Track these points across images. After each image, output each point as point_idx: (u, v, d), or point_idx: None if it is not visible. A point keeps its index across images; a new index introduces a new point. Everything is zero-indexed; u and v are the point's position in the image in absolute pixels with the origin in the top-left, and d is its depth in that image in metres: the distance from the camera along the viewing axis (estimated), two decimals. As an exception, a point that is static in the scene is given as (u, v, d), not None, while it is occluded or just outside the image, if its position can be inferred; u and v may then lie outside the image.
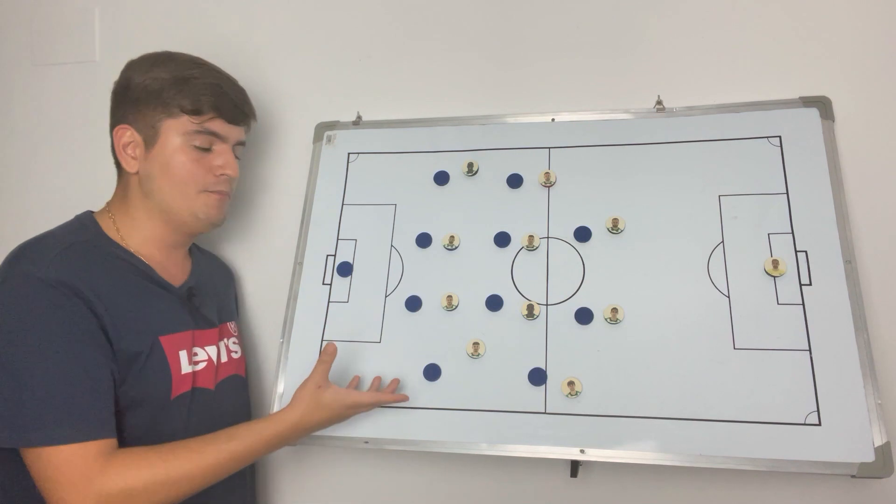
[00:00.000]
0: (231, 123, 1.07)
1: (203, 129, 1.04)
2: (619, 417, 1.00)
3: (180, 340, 1.01)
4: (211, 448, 0.91)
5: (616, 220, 1.10)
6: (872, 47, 1.13)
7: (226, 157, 1.07)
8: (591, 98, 1.22)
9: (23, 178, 1.48)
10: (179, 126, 1.03)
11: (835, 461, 0.91)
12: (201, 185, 1.05)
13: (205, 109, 1.03)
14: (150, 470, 0.85)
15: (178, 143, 1.03)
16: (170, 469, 0.86)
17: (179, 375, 0.99)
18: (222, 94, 1.06)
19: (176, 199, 1.04)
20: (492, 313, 1.10)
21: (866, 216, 1.08)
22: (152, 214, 1.05)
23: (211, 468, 0.90)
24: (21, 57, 1.51)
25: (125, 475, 0.84)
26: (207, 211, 1.06)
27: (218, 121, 1.05)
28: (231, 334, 1.16)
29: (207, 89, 1.04)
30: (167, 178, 1.03)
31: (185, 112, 1.02)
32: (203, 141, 1.04)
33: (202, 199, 1.05)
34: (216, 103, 1.04)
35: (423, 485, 1.21)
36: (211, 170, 1.05)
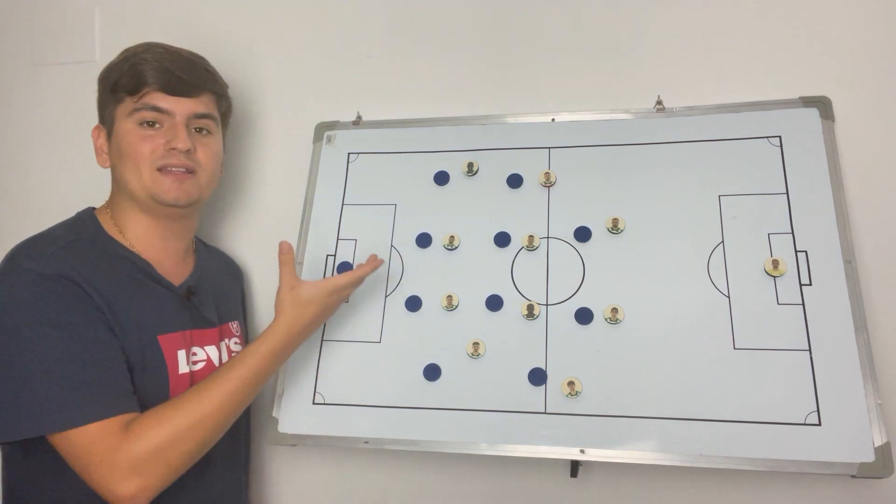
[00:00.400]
0: (174, 95, 1.03)
1: (142, 104, 1.01)
2: (619, 417, 1.00)
3: (179, 340, 1.01)
4: (216, 384, 0.92)
5: (616, 220, 1.10)
6: (872, 47, 1.13)
7: (173, 131, 1.02)
8: (591, 98, 1.22)
9: (22, 178, 1.48)
10: (124, 108, 1.03)
11: (835, 461, 0.91)
12: (150, 161, 1.01)
13: (143, 86, 1.01)
14: (169, 423, 0.87)
15: (127, 125, 1.02)
16: (187, 415, 0.88)
17: (177, 375, 0.99)
18: (162, 68, 1.02)
19: (132, 181, 1.02)
20: (492, 313, 1.10)
21: (866, 216, 1.08)
22: (130, 205, 1.05)
23: (225, 401, 0.91)
24: (21, 57, 1.51)
25: (148, 435, 0.85)
26: (162, 190, 1.01)
27: (157, 94, 1.02)
28: (233, 334, 1.15)
29: (147, 65, 1.02)
30: (122, 162, 1.03)
31: (127, 93, 1.02)
32: (146, 116, 1.01)
33: (154, 178, 1.01)
34: (153, 77, 1.01)
35: (423, 485, 1.21)
36: (161, 146, 1.02)
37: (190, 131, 1.05)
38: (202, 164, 1.06)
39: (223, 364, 0.97)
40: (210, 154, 1.08)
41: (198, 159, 1.05)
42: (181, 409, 0.88)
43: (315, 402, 1.10)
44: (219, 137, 1.12)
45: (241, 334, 1.18)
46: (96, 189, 1.16)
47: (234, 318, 1.18)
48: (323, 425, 1.08)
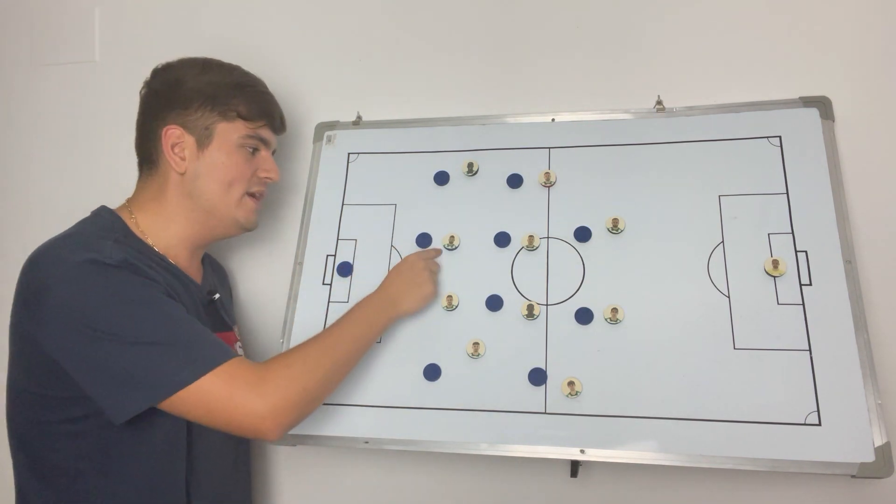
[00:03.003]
0: (274, 132, 1.14)
1: (255, 134, 1.08)
2: (619, 417, 1.00)
3: None
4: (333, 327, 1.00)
5: (616, 220, 1.10)
6: (872, 47, 1.13)
7: (270, 162, 1.12)
8: (591, 98, 1.22)
9: (23, 178, 1.48)
10: (234, 129, 1.06)
11: (835, 461, 0.91)
12: (247, 186, 1.08)
13: (258, 116, 1.08)
14: (299, 353, 0.93)
15: (232, 145, 1.05)
16: (312, 346, 0.95)
17: None
18: (272, 103, 1.13)
19: (222, 198, 1.06)
20: (492, 313, 1.10)
21: (866, 216, 1.08)
22: (190, 215, 1.05)
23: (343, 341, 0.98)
24: (21, 57, 1.51)
25: (285, 368, 0.89)
26: (247, 215, 1.09)
27: (266, 129, 1.10)
28: (237, 339, 1.17)
29: (261, 98, 1.10)
30: (216, 178, 1.05)
31: (240, 117, 1.06)
32: (253, 144, 1.08)
33: (243, 202, 1.08)
34: (267, 111, 1.10)
35: (423, 485, 1.21)
36: (256, 173, 1.09)
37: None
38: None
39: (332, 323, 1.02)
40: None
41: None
42: (309, 348, 0.95)
43: (315, 402, 1.10)
44: None
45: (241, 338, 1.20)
46: (96, 189, 1.16)
47: (235, 321, 1.20)
48: (323, 425, 1.08)
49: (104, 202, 1.08)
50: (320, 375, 0.92)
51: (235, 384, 0.85)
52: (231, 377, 0.85)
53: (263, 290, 1.31)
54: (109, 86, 1.45)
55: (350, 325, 1.01)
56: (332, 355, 0.95)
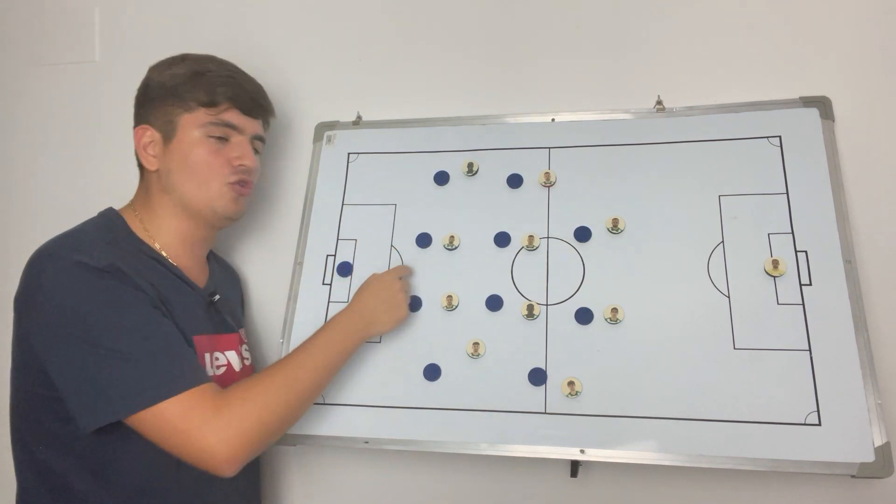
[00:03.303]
0: (247, 115, 1.08)
1: (219, 120, 1.05)
2: (619, 417, 1.00)
3: (206, 343, 1.02)
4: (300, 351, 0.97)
5: (616, 220, 1.10)
6: (872, 47, 1.13)
7: (243, 148, 1.07)
8: (591, 98, 1.22)
9: (23, 178, 1.48)
10: (196, 119, 1.04)
11: (835, 461, 0.91)
12: (219, 176, 1.05)
13: (220, 101, 1.04)
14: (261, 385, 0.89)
15: (195, 136, 1.03)
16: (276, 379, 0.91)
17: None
18: (237, 85, 1.07)
19: (194, 191, 1.04)
20: (492, 313, 1.10)
21: (866, 216, 1.08)
22: (174, 211, 1.05)
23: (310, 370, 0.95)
24: (21, 57, 1.51)
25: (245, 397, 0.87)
26: (225, 203, 1.06)
27: (233, 111, 1.06)
28: (243, 341, 1.16)
29: (222, 81, 1.05)
30: (185, 172, 1.03)
31: (201, 105, 1.04)
32: (219, 132, 1.05)
33: (220, 192, 1.05)
34: (231, 94, 1.05)
35: (423, 485, 1.21)
36: (229, 161, 1.05)
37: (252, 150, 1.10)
38: (253, 182, 1.11)
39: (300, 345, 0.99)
40: (257, 174, 1.14)
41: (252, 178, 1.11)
42: (272, 377, 0.91)
43: (315, 402, 1.10)
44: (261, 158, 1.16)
45: (247, 341, 1.19)
46: (97, 189, 1.16)
47: (242, 324, 1.19)
48: (323, 425, 1.08)
49: (105, 202, 1.08)
50: (280, 408, 0.89)
51: (192, 414, 0.84)
52: (190, 406, 0.84)
53: (263, 290, 1.31)
54: (109, 86, 1.45)
55: (319, 349, 0.98)
56: (295, 386, 0.92)
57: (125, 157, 1.14)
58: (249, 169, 1.08)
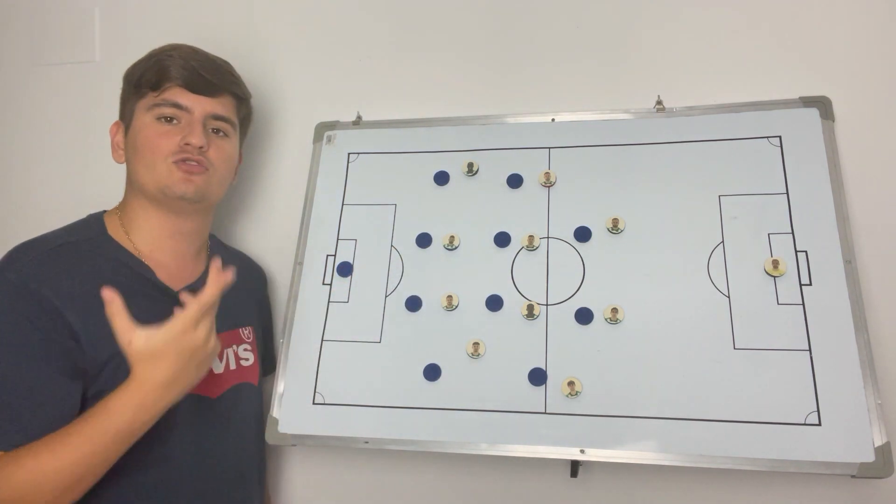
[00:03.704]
0: (195, 93, 1.04)
1: (163, 100, 1.02)
2: (619, 417, 1.00)
3: None
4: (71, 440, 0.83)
5: (616, 220, 1.09)
6: (872, 47, 1.13)
7: (190, 126, 1.03)
8: (591, 98, 1.22)
9: (22, 178, 1.48)
10: (145, 103, 1.04)
11: (835, 461, 0.91)
12: (165, 155, 1.01)
13: (166, 81, 1.02)
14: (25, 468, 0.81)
15: (145, 119, 1.03)
16: (42, 462, 0.81)
17: None
18: (187, 66, 1.04)
19: (144, 174, 1.02)
20: (492, 313, 1.10)
21: (866, 216, 1.08)
22: (140, 202, 1.04)
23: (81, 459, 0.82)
24: (21, 57, 1.51)
25: (8, 479, 0.81)
26: (174, 183, 1.01)
27: (178, 90, 1.03)
28: (243, 340, 1.13)
29: (172, 62, 1.03)
30: (136, 156, 1.03)
31: (150, 88, 1.03)
32: (168, 112, 1.02)
33: (168, 171, 1.01)
34: (178, 74, 1.03)
35: (423, 485, 1.21)
36: (177, 142, 1.02)
37: (206, 131, 1.05)
38: (214, 163, 1.06)
39: (86, 414, 0.85)
40: (223, 156, 1.08)
41: (210, 158, 1.05)
42: (39, 455, 0.82)
43: (315, 402, 1.10)
44: (234, 142, 1.12)
45: (254, 340, 1.16)
46: (97, 189, 1.17)
47: (246, 323, 1.16)
48: (323, 425, 1.08)
49: (104, 202, 1.09)
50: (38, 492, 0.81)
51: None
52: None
53: (263, 290, 1.31)
54: (109, 86, 1.43)
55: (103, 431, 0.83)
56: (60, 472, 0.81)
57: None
58: (195, 147, 1.02)
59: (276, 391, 1.13)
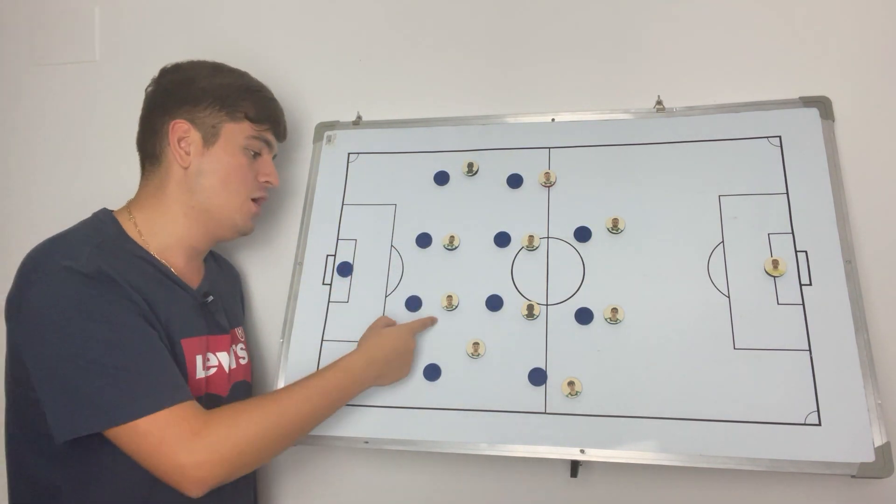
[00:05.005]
0: (277, 139, 1.15)
1: (260, 136, 1.10)
2: (619, 417, 1.00)
3: (196, 345, 1.01)
4: (298, 387, 0.94)
5: (616, 220, 1.10)
6: (872, 47, 1.13)
7: (271, 166, 1.13)
8: (591, 98, 1.22)
9: (23, 178, 1.48)
10: (240, 131, 1.07)
11: (835, 461, 0.91)
12: (249, 188, 1.09)
13: (265, 120, 1.10)
14: (249, 416, 0.87)
15: (237, 146, 1.07)
16: (268, 414, 0.89)
17: (194, 380, 0.99)
18: (278, 110, 1.15)
19: (221, 198, 1.06)
20: (492, 313, 1.10)
21: (866, 216, 1.08)
22: (189, 213, 1.04)
23: (303, 406, 0.92)
24: (21, 57, 1.51)
25: (230, 423, 0.86)
26: (244, 217, 1.09)
27: (271, 133, 1.13)
28: (239, 340, 1.15)
29: (268, 103, 1.13)
30: (219, 177, 1.05)
31: (248, 119, 1.08)
32: (257, 147, 1.10)
33: (244, 205, 1.09)
34: (273, 116, 1.13)
35: (423, 485, 1.21)
36: (257, 176, 1.10)
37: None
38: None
39: (305, 377, 0.97)
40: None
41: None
42: (263, 408, 0.89)
43: (315, 402, 1.10)
44: None
45: (246, 340, 1.19)
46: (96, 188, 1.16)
47: (238, 323, 1.19)
48: (323, 425, 1.07)
49: (104, 202, 1.08)
50: (261, 440, 0.88)
51: (169, 433, 0.83)
52: (167, 424, 0.83)
53: (263, 289, 1.31)
54: (109, 86, 1.45)
55: (319, 390, 0.96)
56: (283, 421, 0.90)
57: (124, 157, 1.14)
58: (272, 188, 1.13)
59: (276, 391, 1.13)
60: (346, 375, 0.99)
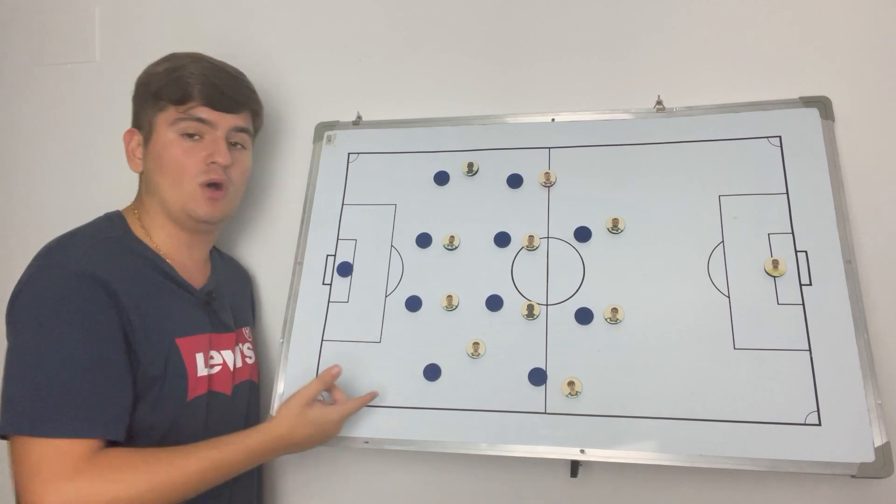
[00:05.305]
0: (218, 110, 1.05)
1: (187, 115, 1.03)
2: (619, 417, 1.00)
3: (197, 343, 1.01)
4: (194, 456, 0.87)
5: (616, 220, 1.09)
6: (872, 47, 1.13)
7: (216, 144, 1.04)
8: (591, 98, 1.22)
9: (23, 178, 1.48)
10: (168, 117, 1.03)
11: (835, 461, 0.91)
12: (192, 175, 1.02)
13: (189, 97, 1.03)
14: (134, 474, 0.82)
15: (169, 135, 1.03)
16: (154, 476, 0.82)
17: (195, 378, 0.99)
18: (207, 82, 1.04)
19: (169, 192, 1.03)
20: (492, 313, 1.10)
21: (866, 216, 1.08)
22: (159, 211, 1.05)
23: (193, 476, 0.86)
24: (21, 57, 1.51)
25: (108, 478, 0.80)
26: (197, 205, 1.03)
27: (203, 108, 1.04)
28: (245, 339, 1.16)
29: (193, 78, 1.03)
30: (160, 172, 1.03)
31: (171, 102, 1.03)
32: (192, 128, 1.03)
33: (193, 193, 1.03)
34: (200, 91, 1.03)
35: (423, 485, 1.21)
36: (203, 159, 1.03)
37: (228, 145, 1.07)
38: (234, 180, 1.08)
39: (209, 440, 0.91)
40: (241, 170, 1.11)
41: (231, 175, 1.07)
42: (152, 467, 0.83)
43: (315, 402, 1.10)
44: (250, 153, 1.14)
45: (253, 339, 1.19)
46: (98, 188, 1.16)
47: (245, 323, 1.19)
48: (323, 425, 1.08)
49: (104, 202, 1.09)
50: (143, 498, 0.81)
51: (47, 465, 0.78)
52: (53, 455, 0.79)
53: (263, 290, 1.31)
54: (109, 86, 1.45)
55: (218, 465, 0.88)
56: (168, 491, 0.83)
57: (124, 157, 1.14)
58: (222, 166, 1.04)
59: (276, 391, 1.13)
60: (248, 457, 0.93)
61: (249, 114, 1.13)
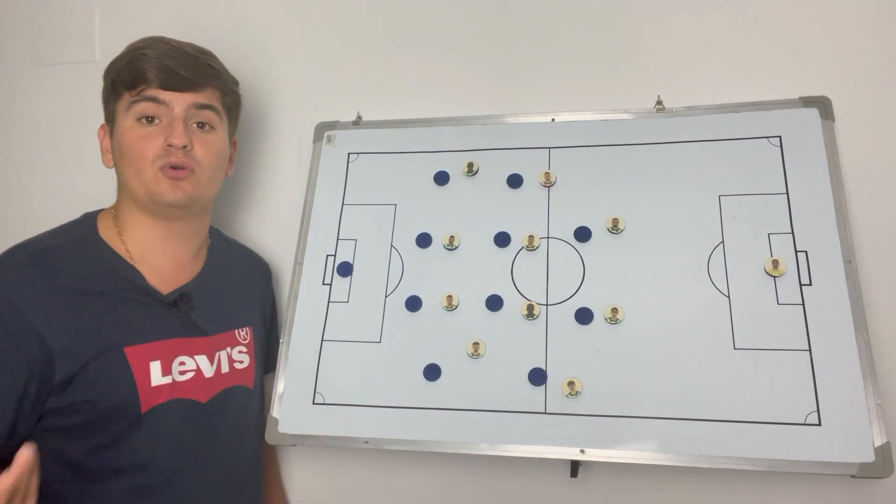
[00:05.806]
0: (171, 90, 0.99)
1: (142, 97, 0.98)
2: (619, 417, 1.00)
3: (152, 350, 0.96)
4: None
5: (616, 220, 1.10)
6: (872, 47, 1.13)
7: (171, 126, 0.99)
8: (591, 98, 1.22)
9: (22, 179, 1.48)
10: (123, 104, 1.00)
11: (835, 461, 0.91)
12: (150, 160, 0.98)
13: (141, 81, 0.98)
14: None
15: (126, 122, 0.99)
16: None
17: (149, 388, 0.94)
18: (161, 64, 0.99)
19: (132, 179, 0.99)
20: (492, 313, 1.10)
21: (866, 216, 1.08)
22: (131, 205, 1.02)
23: None
24: (21, 57, 1.51)
25: None
26: (162, 190, 0.98)
27: (154, 89, 0.99)
28: (238, 342, 1.11)
29: (146, 61, 0.98)
30: (124, 162, 1.00)
31: (126, 88, 0.99)
32: (146, 109, 0.98)
33: (155, 178, 0.98)
34: (153, 73, 0.98)
35: (423, 485, 1.21)
36: (161, 144, 0.98)
37: (189, 126, 1.01)
38: (201, 161, 1.01)
39: None
40: (210, 151, 1.03)
41: (196, 157, 1.01)
42: None
43: (315, 402, 1.10)
44: (221, 133, 1.06)
45: (251, 342, 1.13)
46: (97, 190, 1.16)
47: (244, 324, 1.13)
48: (323, 425, 1.08)
49: (104, 202, 1.09)
50: None
51: None
52: None
53: (263, 290, 1.31)
54: (109, 86, 1.44)
55: None
56: None
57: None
58: (179, 147, 0.98)
59: (276, 391, 1.13)
60: None
61: (215, 91, 1.05)
